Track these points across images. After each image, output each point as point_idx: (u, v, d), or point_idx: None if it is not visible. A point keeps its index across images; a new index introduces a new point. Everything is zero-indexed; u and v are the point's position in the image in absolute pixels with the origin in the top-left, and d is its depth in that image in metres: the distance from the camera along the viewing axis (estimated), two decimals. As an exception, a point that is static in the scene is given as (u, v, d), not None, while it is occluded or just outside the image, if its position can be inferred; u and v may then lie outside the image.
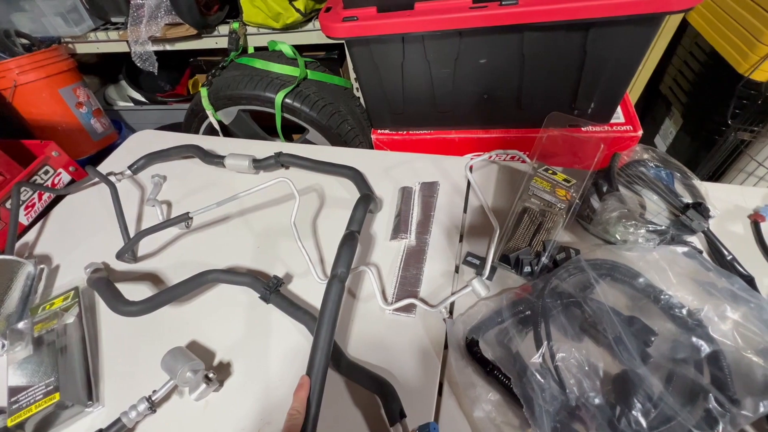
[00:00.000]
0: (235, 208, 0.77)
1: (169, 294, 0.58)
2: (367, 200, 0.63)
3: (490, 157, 0.75)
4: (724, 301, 0.49)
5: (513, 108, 0.82)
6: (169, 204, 0.80)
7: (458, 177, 0.76)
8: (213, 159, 0.83)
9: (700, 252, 0.58)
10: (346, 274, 0.52)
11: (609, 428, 0.43)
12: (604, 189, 0.65)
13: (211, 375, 0.51)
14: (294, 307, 0.56)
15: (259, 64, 1.15)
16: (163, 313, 0.59)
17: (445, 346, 0.54)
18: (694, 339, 0.48)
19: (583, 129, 0.85)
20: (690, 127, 1.32)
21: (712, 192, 0.66)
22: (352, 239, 0.55)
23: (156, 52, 1.35)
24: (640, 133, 0.83)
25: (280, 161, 0.79)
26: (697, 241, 0.61)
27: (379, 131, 0.97)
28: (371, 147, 1.03)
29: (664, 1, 0.61)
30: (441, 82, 0.79)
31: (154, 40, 1.29)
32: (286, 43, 1.18)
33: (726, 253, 0.58)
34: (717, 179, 1.16)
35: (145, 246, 0.72)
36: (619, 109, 0.88)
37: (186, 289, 0.59)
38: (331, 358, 0.51)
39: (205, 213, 0.67)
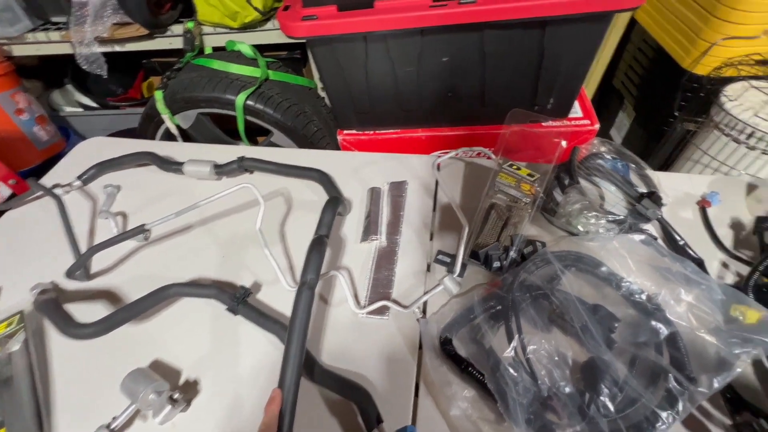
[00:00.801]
0: (198, 216, 0.73)
1: (126, 312, 0.54)
2: (335, 203, 0.62)
3: (456, 154, 0.75)
4: (679, 285, 0.52)
5: (477, 105, 0.83)
6: (124, 216, 0.75)
7: (426, 175, 0.76)
8: (171, 166, 0.79)
9: (656, 238, 0.61)
10: (316, 280, 0.51)
11: (579, 415, 0.45)
12: (566, 182, 0.67)
13: (176, 395, 0.48)
14: (263, 318, 0.54)
15: (218, 65, 1.11)
16: (122, 332, 0.55)
17: (420, 346, 0.53)
18: (653, 323, 0.50)
19: (543, 124, 0.88)
20: (641, 119, 1.39)
21: (664, 181, 0.70)
22: (321, 244, 0.54)
23: (104, 54, 1.26)
24: (597, 126, 0.86)
25: (244, 166, 0.77)
26: (652, 228, 0.64)
27: (345, 132, 0.96)
28: (338, 148, 1.02)
29: (613, 0, 0.64)
30: (405, 80, 0.79)
31: (101, 40, 1.21)
32: (245, 42, 1.14)
33: (678, 238, 0.61)
34: (668, 168, 1.23)
35: (99, 262, 0.68)
36: (577, 103, 0.91)
37: (145, 306, 0.56)
38: (304, 368, 0.49)
39: (165, 223, 0.64)
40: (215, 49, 1.26)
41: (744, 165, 0.98)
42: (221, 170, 0.77)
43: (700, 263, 0.58)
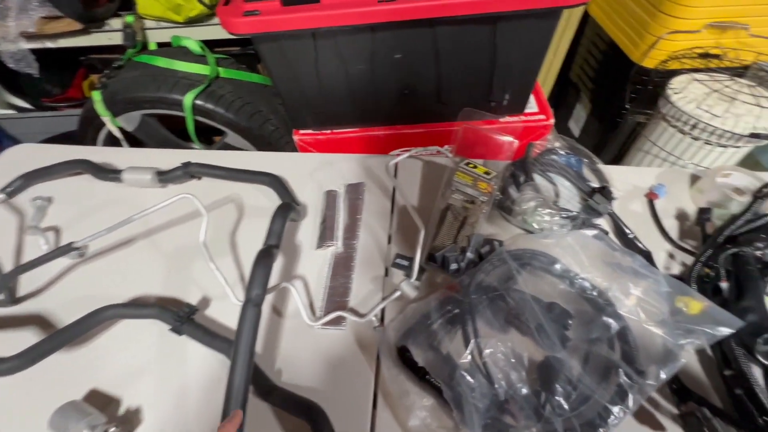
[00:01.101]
0: (141, 228, 0.68)
1: (55, 340, 0.49)
2: (285, 210, 0.59)
3: (411, 154, 0.74)
4: (628, 279, 0.53)
5: (434, 103, 0.82)
6: (57, 231, 0.69)
7: (384, 176, 0.74)
8: (108, 174, 0.73)
9: (607, 233, 0.62)
10: (262, 296, 0.48)
11: (535, 416, 0.44)
12: (521, 179, 0.67)
13: (112, 429, 0.45)
14: (210, 336, 0.51)
15: (162, 62, 1.04)
16: (52, 362, 0.50)
17: (378, 356, 0.52)
18: (604, 318, 0.50)
19: (501, 120, 0.88)
20: (597, 111, 1.44)
21: (615, 174, 0.71)
22: (267, 256, 0.51)
23: (34, 51, 1.15)
24: (552, 121, 0.87)
25: (190, 172, 0.72)
26: (604, 222, 0.66)
27: (301, 132, 0.92)
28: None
29: (559, -4, 0.64)
30: (359, 78, 0.77)
31: (29, 36, 1.10)
32: (191, 38, 1.07)
33: (628, 231, 0.62)
34: (622, 159, 1.28)
35: (27, 284, 0.61)
36: (532, 98, 0.92)
37: (78, 331, 0.51)
38: (254, 387, 0.47)
39: (103, 238, 0.59)
40: (160, 45, 1.18)
41: (689, 155, 1.02)
42: (165, 177, 0.72)
43: (648, 256, 0.60)
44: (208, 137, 1.34)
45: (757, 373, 0.45)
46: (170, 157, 0.77)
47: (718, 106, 0.94)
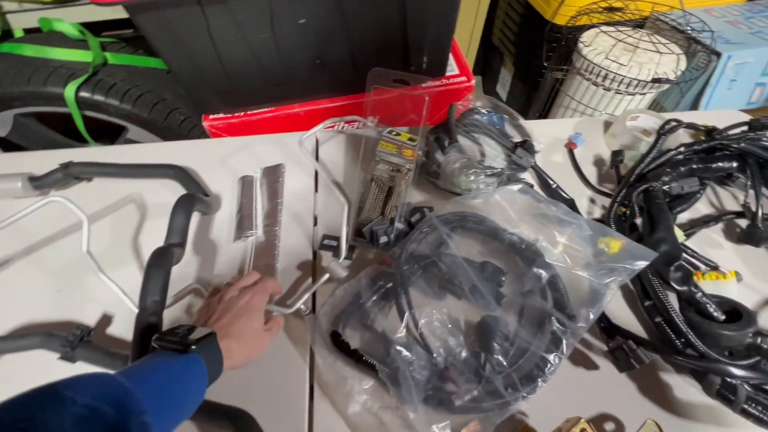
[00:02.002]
0: (17, 246, 0.57)
1: None
2: (187, 202, 0.52)
3: (325, 127, 0.69)
4: (554, 228, 0.53)
5: (350, 71, 0.77)
6: None
7: (304, 154, 0.69)
8: (-35, 187, 0.60)
9: (532, 186, 0.62)
10: (160, 304, 0.42)
11: (476, 378, 0.43)
12: (446, 142, 0.65)
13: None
14: (111, 357, 0.44)
15: (31, 50, 0.88)
16: None
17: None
18: (535, 269, 0.50)
19: (423, 85, 0.85)
20: (520, 73, 1.47)
21: (536, 128, 0.72)
22: (162, 257, 0.44)
23: None
24: (474, 82, 0.86)
25: (72, 173, 0.61)
26: (529, 176, 0.66)
27: (211, 117, 0.83)
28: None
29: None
30: (263, 49, 0.69)
31: None
32: (64, 20, 0.92)
33: (551, 182, 0.63)
34: (546, 116, 1.32)
35: None
36: (453, 61, 0.90)
37: (-64, 380, 0.42)
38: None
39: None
40: (29, 31, 1.00)
41: (603, 105, 1.07)
42: (41, 183, 0.60)
43: (571, 203, 0.61)
44: (112, 136, 1.18)
45: (673, 299, 0.47)
46: (47, 160, 0.65)
47: (624, 56, 0.98)
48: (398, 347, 0.43)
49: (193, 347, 0.33)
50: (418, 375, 0.43)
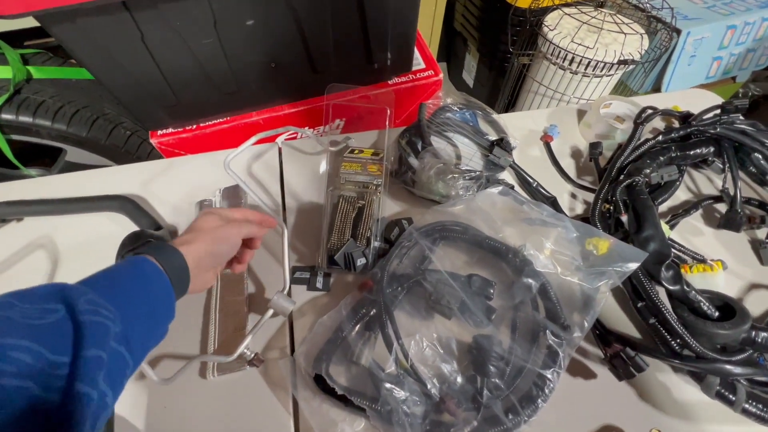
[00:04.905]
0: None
1: None
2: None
3: (288, 137, 0.63)
4: (539, 232, 0.51)
5: (308, 74, 0.71)
6: None
7: (269, 169, 0.63)
8: None
9: (512, 186, 0.59)
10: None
11: (474, 406, 0.41)
12: (419, 146, 0.61)
13: None
14: None
15: (-65, 70, 0.76)
16: None
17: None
18: (524, 279, 0.48)
19: (390, 82, 0.80)
20: (485, 59, 1.44)
21: (510, 122, 0.69)
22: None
23: None
24: (441, 75, 0.82)
25: (-3, 216, 0.53)
26: (508, 175, 0.63)
27: (159, 133, 0.75)
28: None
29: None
30: (208, 55, 0.62)
31: None
32: (-28, 32, 0.80)
33: (531, 180, 0.61)
34: (515, 102, 1.30)
35: None
36: (419, 55, 0.85)
37: None
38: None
39: None
40: (-68, 46, 0.87)
41: (572, 89, 1.06)
42: (-42, 231, 0.52)
43: (554, 202, 0.59)
44: (50, 157, 1.07)
45: (663, 296, 0.46)
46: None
47: (588, 38, 0.97)
48: (388, 385, 0.40)
49: (138, 250, 0.33)
50: (412, 411, 0.40)
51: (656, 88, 1.18)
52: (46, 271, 0.53)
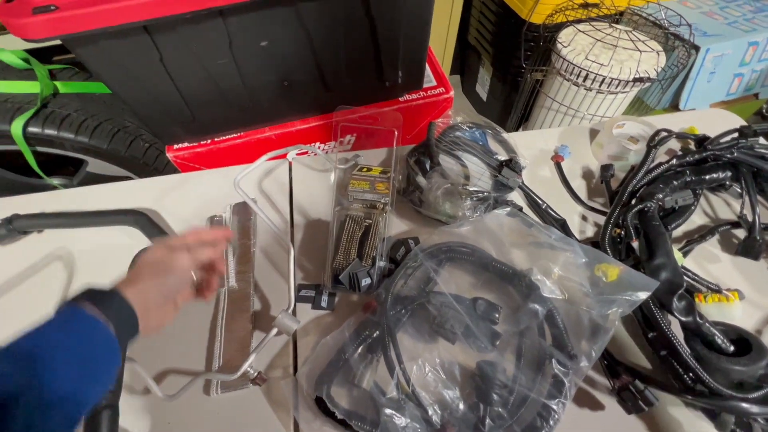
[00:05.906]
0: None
1: None
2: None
3: (299, 153, 0.64)
4: (547, 257, 0.50)
5: (321, 91, 0.72)
6: None
7: (279, 185, 0.64)
8: None
9: (521, 208, 0.58)
10: (114, 394, 0.37)
11: (476, 435, 0.40)
12: (427, 165, 0.61)
13: None
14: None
15: (-30, 85, 0.80)
16: None
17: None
18: (530, 305, 0.47)
19: (401, 99, 0.81)
20: (499, 73, 1.44)
21: (520, 141, 0.68)
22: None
23: None
24: (452, 93, 0.82)
25: (18, 228, 0.55)
26: (516, 195, 0.63)
27: (175, 147, 0.77)
28: (179, 166, 0.83)
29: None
30: (224, 75, 0.64)
31: None
32: (4, 49, 0.84)
33: (540, 202, 0.60)
34: (528, 117, 1.29)
35: None
36: (430, 72, 0.86)
37: None
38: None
39: None
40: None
41: (585, 106, 1.05)
42: (-19, 241, 0.54)
43: (563, 224, 0.58)
44: (72, 168, 1.10)
45: (675, 326, 0.44)
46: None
47: (603, 54, 0.96)
48: (389, 411, 0.40)
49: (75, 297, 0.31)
50: (413, 437, 0.40)
51: (674, 105, 1.15)
52: (63, 280, 0.55)
